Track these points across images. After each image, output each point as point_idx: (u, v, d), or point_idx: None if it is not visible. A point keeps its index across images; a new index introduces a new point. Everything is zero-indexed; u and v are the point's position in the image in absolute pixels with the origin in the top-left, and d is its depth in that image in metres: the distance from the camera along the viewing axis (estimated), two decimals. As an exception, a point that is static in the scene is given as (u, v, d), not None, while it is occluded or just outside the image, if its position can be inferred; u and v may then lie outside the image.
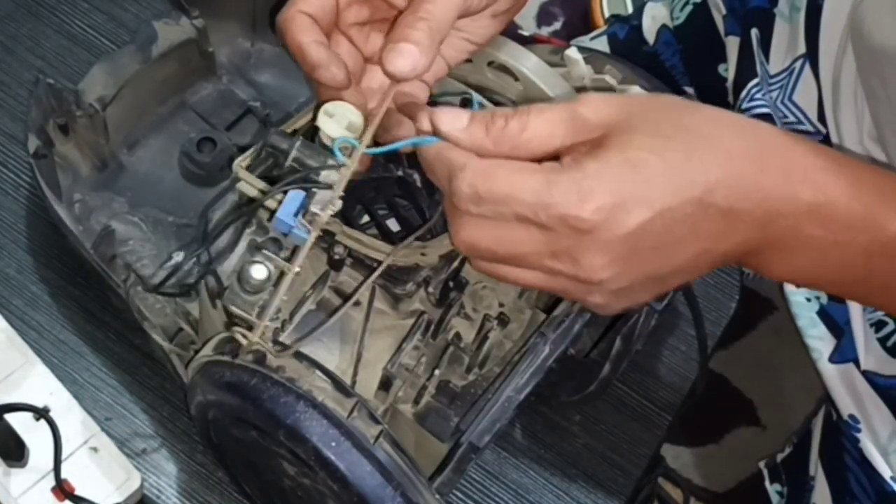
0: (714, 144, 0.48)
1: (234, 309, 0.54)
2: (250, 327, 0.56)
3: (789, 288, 0.76)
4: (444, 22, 0.53)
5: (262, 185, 0.57)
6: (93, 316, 0.70)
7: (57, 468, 0.61)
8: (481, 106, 0.61)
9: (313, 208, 0.52)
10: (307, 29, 0.55)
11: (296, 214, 0.53)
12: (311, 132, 0.57)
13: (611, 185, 0.47)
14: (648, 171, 0.47)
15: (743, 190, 0.48)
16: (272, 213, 0.54)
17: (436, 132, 0.50)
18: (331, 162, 0.53)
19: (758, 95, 0.76)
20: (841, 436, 0.68)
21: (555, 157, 0.49)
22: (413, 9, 0.53)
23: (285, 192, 0.54)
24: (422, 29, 0.52)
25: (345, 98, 0.55)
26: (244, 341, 0.53)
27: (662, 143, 0.48)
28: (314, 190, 0.53)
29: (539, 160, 0.49)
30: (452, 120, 0.50)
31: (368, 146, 0.53)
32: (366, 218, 0.64)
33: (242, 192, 0.58)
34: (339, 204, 0.52)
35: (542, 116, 0.49)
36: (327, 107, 0.54)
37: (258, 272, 0.54)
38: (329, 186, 0.53)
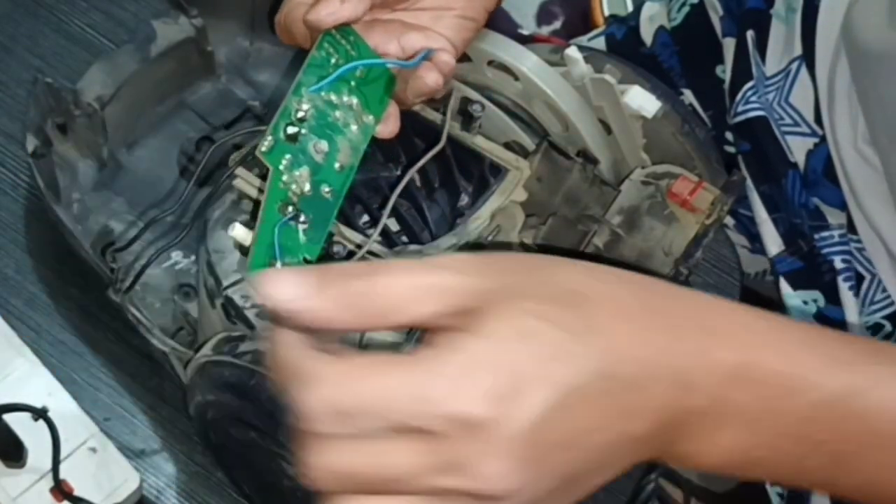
0: (615, 308, 0.41)
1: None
2: (251, 326, 0.56)
3: (786, 290, 0.76)
4: None
5: (259, 182, 0.57)
6: (91, 316, 0.70)
7: (55, 469, 0.61)
8: (482, 107, 0.61)
9: None
10: None
11: None
12: None
13: (500, 365, 0.38)
14: (543, 341, 0.39)
15: (653, 359, 0.40)
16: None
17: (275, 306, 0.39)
18: None
19: (753, 97, 0.76)
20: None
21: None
22: None
23: None
24: None
25: None
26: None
27: (555, 308, 0.40)
28: None
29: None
30: (295, 287, 0.39)
31: None
32: (365, 218, 0.63)
33: (241, 190, 0.58)
34: None
35: (400, 280, 0.39)
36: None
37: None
38: None
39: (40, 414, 0.62)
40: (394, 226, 0.63)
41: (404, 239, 0.61)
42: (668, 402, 0.41)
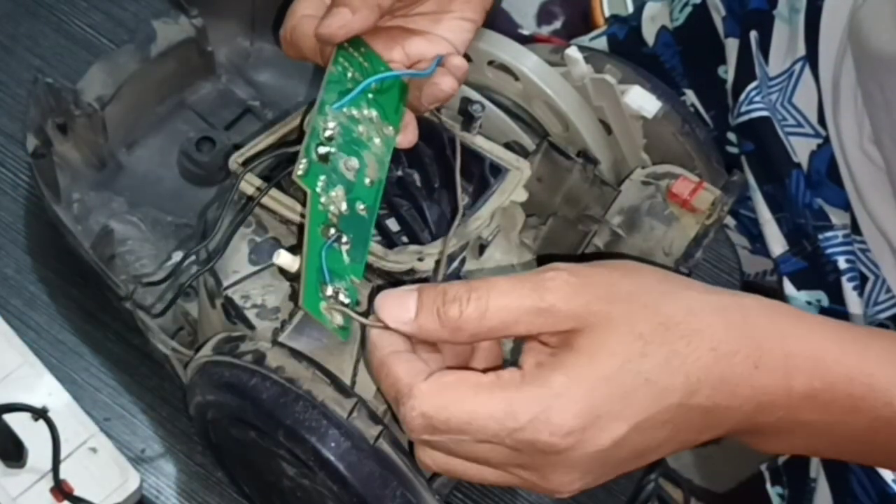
0: (697, 342, 0.44)
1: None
2: (251, 326, 0.56)
3: (790, 291, 0.76)
4: None
5: (259, 182, 0.57)
6: (91, 316, 0.70)
7: (56, 469, 0.61)
8: (482, 107, 0.61)
9: None
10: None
11: None
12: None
13: (582, 406, 0.43)
14: (623, 385, 0.43)
15: (729, 387, 0.45)
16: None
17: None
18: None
19: (757, 98, 0.76)
20: (842, 437, 0.67)
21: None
22: None
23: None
24: None
25: None
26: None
27: (638, 348, 0.44)
28: None
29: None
30: (398, 310, 0.45)
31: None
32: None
33: (241, 191, 0.58)
34: None
35: (503, 303, 0.44)
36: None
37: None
38: None
39: (40, 414, 0.62)
40: (394, 226, 0.62)
41: (404, 239, 0.61)
42: (743, 419, 0.46)
